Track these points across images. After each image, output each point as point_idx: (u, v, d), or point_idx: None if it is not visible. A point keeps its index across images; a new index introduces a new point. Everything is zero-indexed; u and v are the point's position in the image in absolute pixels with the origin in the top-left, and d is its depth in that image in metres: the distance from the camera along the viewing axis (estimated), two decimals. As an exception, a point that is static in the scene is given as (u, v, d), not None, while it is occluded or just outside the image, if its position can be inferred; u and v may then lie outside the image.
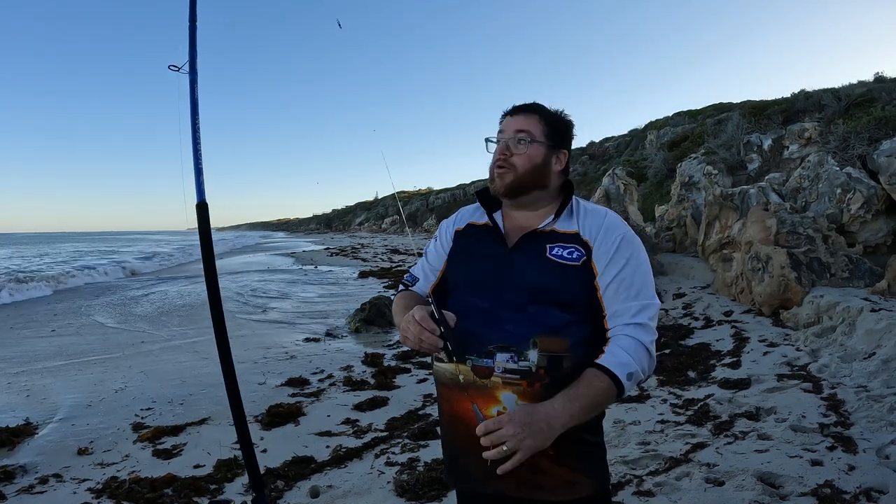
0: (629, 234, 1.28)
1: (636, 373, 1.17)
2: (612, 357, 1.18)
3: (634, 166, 15.41)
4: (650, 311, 1.23)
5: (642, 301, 1.22)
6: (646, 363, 1.20)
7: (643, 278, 1.25)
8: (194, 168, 1.37)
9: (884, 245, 6.59)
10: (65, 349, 6.51)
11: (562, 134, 1.35)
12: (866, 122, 7.82)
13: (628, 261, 1.24)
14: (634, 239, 1.28)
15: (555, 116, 1.35)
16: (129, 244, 54.71)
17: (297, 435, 3.63)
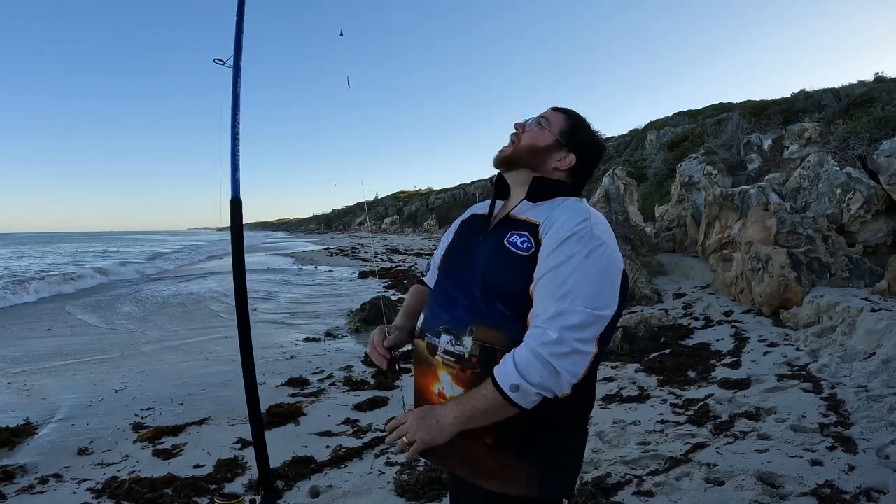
0: (588, 232, 1.16)
1: (523, 386, 1.09)
2: (502, 365, 1.12)
3: (634, 166, 15.41)
4: (570, 320, 1.10)
5: (566, 305, 1.11)
6: (540, 376, 1.09)
7: (582, 281, 1.12)
8: (231, 164, 1.37)
9: (884, 245, 6.59)
10: (64, 348, 6.51)
11: (580, 142, 1.32)
12: (866, 122, 7.82)
13: (570, 258, 1.14)
14: (593, 239, 1.15)
15: (580, 126, 1.34)
16: (129, 244, 54.78)
17: (297, 435, 3.63)
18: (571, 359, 1.10)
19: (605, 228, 1.21)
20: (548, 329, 1.10)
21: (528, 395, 1.10)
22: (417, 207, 57.13)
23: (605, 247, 1.17)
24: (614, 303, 1.17)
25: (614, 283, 1.17)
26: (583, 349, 1.11)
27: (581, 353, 1.10)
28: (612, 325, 1.18)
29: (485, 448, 1.20)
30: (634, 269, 7.73)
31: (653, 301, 7.27)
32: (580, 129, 1.33)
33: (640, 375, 4.48)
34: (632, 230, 9.00)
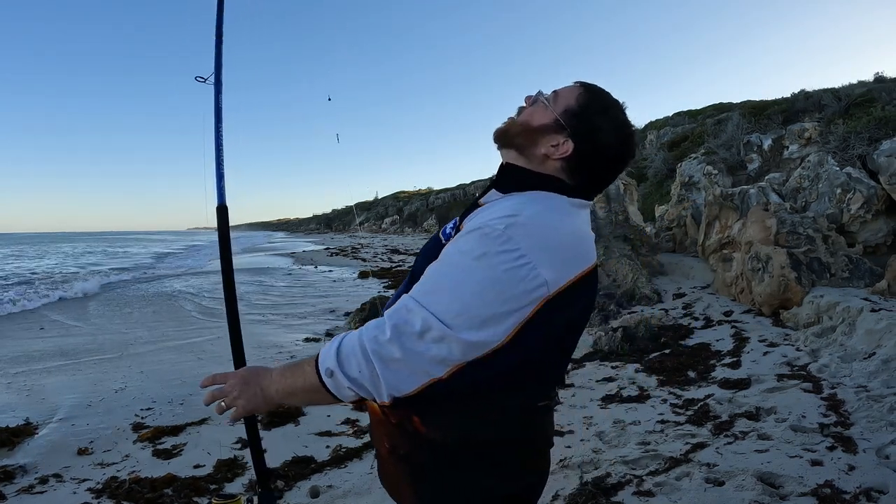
0: (500, 231, 0.92)
1: (338, 375, 0.92)
2: (328, 345, 0.97)
3: (634, 166, 15.40)
4: (411, 323, 0.89)
5: (419, 303, 0.91)
6: (357, 371, 0.91)
7: (453, 284, 0.91)
8: (216, 173, 1.43)
9: (884, 245, 6.59)
10: (64, 348, 6.51)
11: (586, 127, 1.04)
12: (866, 122, 7.82)
13: (459, 253, 0.93)
14: (499, 241, 0.91)
15: (595, 107, 1.05)
16: (131, 244, 54.82)
17: (297, 435, 3.63)
18: (395, 369, 0.90)
19: (536, 237, 0.93)
20: (387, 323, 0.91)
21: (341, 387, 0.94)
22: (417, 207, 57.13)
23: (514, 256, 0.90)
24: (495, 331, 0.90)
25: (502, 304, 0.89)
26: (416, 364, 0.89)
27: (413, 368, 0.89)
28: (495, 361, 0.92)
29: (392, 466, 1.10)
30: (634, 269, 7.73)
31: (653, 301, 7.27)
32: (593, 111, 1.04)
33: (640, 375, 4.48)
34: (632, 230, 9.00)
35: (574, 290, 0.96)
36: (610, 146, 1.06)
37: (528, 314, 0.92)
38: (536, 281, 0.91)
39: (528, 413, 1.04)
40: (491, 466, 1.01)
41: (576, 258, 0.98)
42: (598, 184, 1.10)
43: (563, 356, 1.08)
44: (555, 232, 0.96)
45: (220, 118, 1.46)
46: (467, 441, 1.00)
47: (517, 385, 1.00)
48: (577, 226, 1.02)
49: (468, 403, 0.98)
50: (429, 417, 1.00)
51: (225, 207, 1.42)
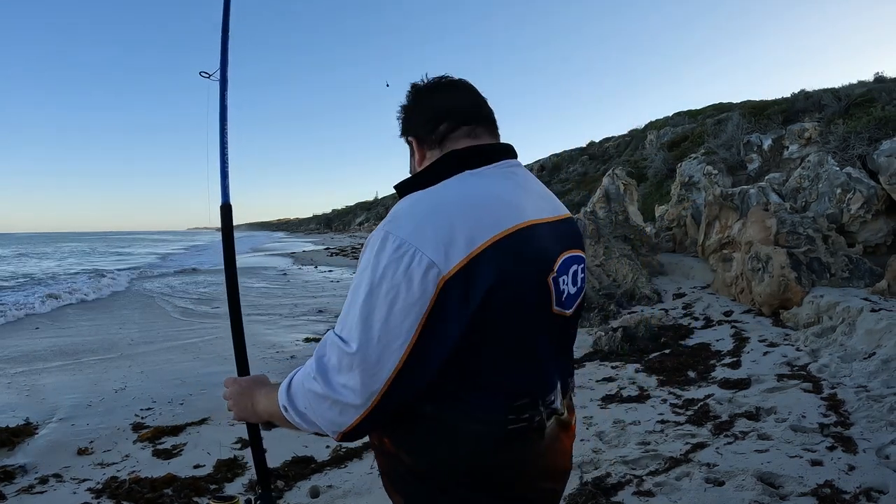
0: (380, 230, 0.89)
1: (290, 409, 0.93)
2: (285, 380, 0.96)
3: (634, 166, 15.41)
4: (329, 356, 0.88)
5: (332, 332, 0.91)
6: (304, 406, 0.90)
7: (349, 301, 0.89)
8: (220, 172, 1.40)
9: (884, 245, 6.59)
10: (66, 347, 6.51)
11: (403, 130, 1.10)
12: (866, 122, 7.82)
13: (358, 272, 0.91)
14: (373, 242, 0.88)
15: (400, 112, 1.11)
16: (131, 244, 54.89)
17: (297, 435, 3.62)
18: (326, 406, 0.87)
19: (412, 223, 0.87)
20: (315, 357, 0.90)
21: (296, 422, 0.94)
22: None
23: (393, 248, 0.85)
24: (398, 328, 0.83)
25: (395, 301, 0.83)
26: (341, 398, 0.85)
27: (339, 403, 0.86)
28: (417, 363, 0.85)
29: (385, 477, 1.08)
30: (634, 269, 7.73)
31: (653, 301, 7.27)
32: (404, 108, 1.10)
33: (640, 375, 4.48)
34: (632, 230, 9.00)
35: (472, 267, 0.85)
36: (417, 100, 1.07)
37: (430, 303, 0.83)
38: (423, 263, 0.83)
39: (493, 437, 0.93)
40: (464, 493, 0.95)
41: (474, 228, 0.87)
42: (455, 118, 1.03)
43: (509, 350, 0.92)
44: (435, 214, 0.88)
45: (225, 116, 1.44)
46: (435, 467, 0.95)
47: (451, 397, 0.91)
48: (471, 195, 0.92)
49: (426, 427, 0.93)
50: (397, 440, 0.97)
51: (229, 206, 1.41)
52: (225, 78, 1.46)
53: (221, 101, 1.45)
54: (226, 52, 1.48)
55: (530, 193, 1.00)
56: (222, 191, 1.41)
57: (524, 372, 0.95)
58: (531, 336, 0.95)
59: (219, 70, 1.47)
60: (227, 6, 1.51)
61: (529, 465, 0.98)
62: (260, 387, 1.10)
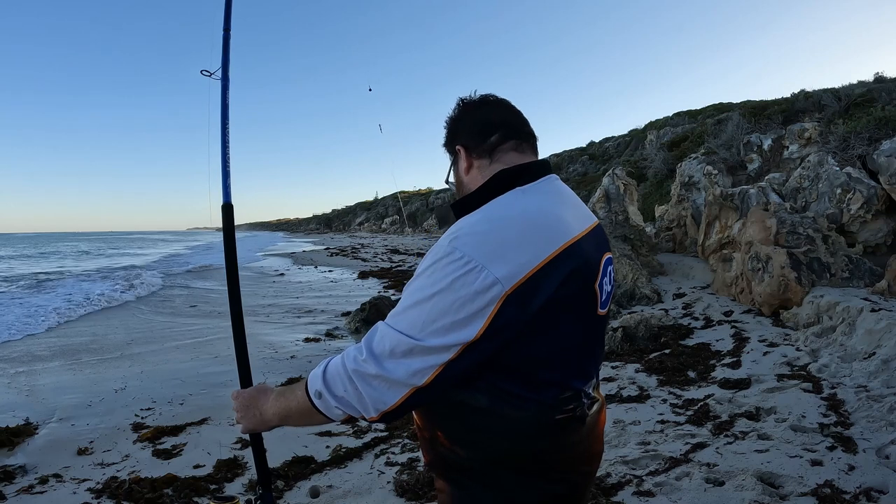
0: (444, 244, 0.98)
1: (325, 396, 1.00)
2: (316, 367, 1.05)
3: (634, 166, 15.42)
4: (383, 342, 0.96)
5: (384, 324, 1.00)
6: (343, 390, 0.98)
7: (408, 300, 0.98)
8: (222, 171, 1.41)
9: (884, 245, 6.59)
10: (69, 347, 6.51)
11: (450, 138, 1.19)
12: (866, 122, 7.81)
13: (411, 281, 1.01)
14: (439, 254, 0.97)
15: (447, 124, 1.21)
16: (133, 244, 54.93)
17: (297, 435, 3.62)
18: (376, 385, 0.96)
19: (479, 242, 0.96)
20: (363, 345, 0.99)
21: (330, 407, 1.01)
22: (417, 207, 57.14)
23: (461, 264, 0.94)
24: (460, 334, 0.93)
25: (460, 310, 0.93)
26: (392, 378, 0.95)
27: (391, 382, 0.95)
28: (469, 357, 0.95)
29: (430, 467, 1.16)
30: (634, 269, 7.73)
31: (653, 301, 7.27)
32: (448, 129, 1.20)
33: (640, 375, 4.48)
34: (632, 230, 9.00)
35: (536, 279, 0.95)
36: (470, 114, 1.16)
37: (492, 312, 0.93)
38: (488, 280, 0.92)
39: (545, 426, 1.03)
40: (513, 480, 1.05)
41: (529, 246, 0.96)
42: (505, 132, 1.13)
43: (562, 350, 1.02)
44: (497, 233, 0.97)
45: (226, 115, 1.44)
46: (487, 456, 1.04)
47: (505, 392, 1.00)
48: (522, 215, 1.01)
49: (480, 420, 1.02)
50: (451, 433, 1.06)
51: (230, 206, 1.41)
52: (226, 77, 1.47)
53: (223, 99, 1.45)
54: (227, 51, 1.48)
55: (569, 206, 1.09)
56: (223, 190, 1.41)
57: (571, 369, 1.05)
58: (579, 338, 1.05)
59: (220, 69, 1.47)
60: (229, 5, 1.52)
61: (572, 450, 1.08)
62: (264, 394, 1.16)
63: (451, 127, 1.19)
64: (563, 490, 1.09)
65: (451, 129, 1.19)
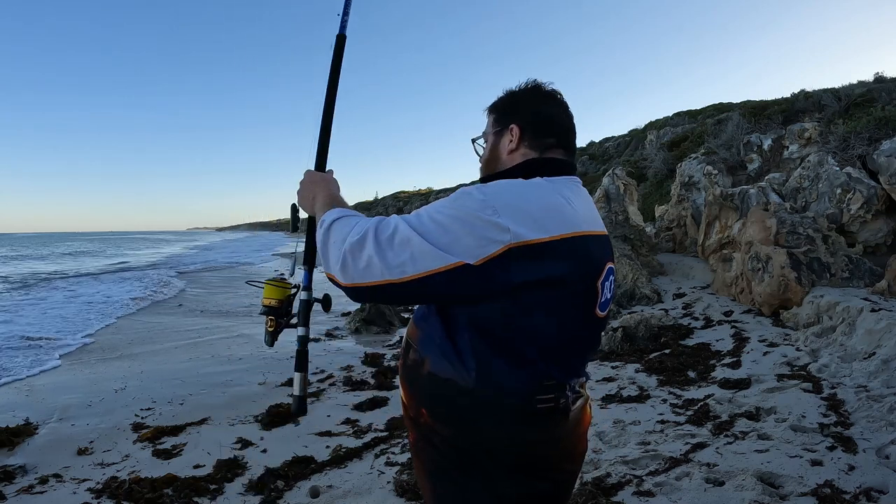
0: (466, 189, 1.05)
1: (321, 228, 1.12)
2: (347, 211, 1.17)
3: (634, 166, 15.40)
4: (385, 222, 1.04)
5: (396, 217, 1.07)
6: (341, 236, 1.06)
7: (425, 211, 1.04)
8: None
9: (884, 245, 6.59)
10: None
11: (506, 111, 1.23)
12: (866, 122, 7.81)
13: (439, 201, 1.08)
14: (464, 192, 1.04)
15: (501, 99, 1.26)
16: (134, 245, 54.94)
17: (297, 435, 3.62)
18: (361, 252, 1.01)
19: (503, 196, 1.02)
20: (372, 224, 1.05)
21: (318, 240, 1.12)
22: (417, 207, 57.15)
23: (483, 204, 1.00)
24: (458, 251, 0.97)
25: (468, 233, 0.98)
26: (381, 259, 0.99)
27: (373, 256, 0.99)
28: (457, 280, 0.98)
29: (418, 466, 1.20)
30: (634, 269, 7.73)
31: (653, 301, 7.27)
32: (501, 104, 1.25)
33: (640, 375, 4.48)
34: (632, 230, 9.00)
35: (544, 249, 1.00)
36: (530, 101, 1.21)
37: (494, 251, 0.97)
38: (500, 226, 0.97)
39: (528, 414, 1.05)
40: (494, 468, 1.06)
41: (545, 220, 1.02)
42: (559, 138, 1.20)
43: (555, 336, 1.05)
44: (520, 195, 1.04)
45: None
46: (467, 439, 1.07)
47: (487, 373, 1.03)
48: (547, 196, 1.07)
49: (464, 400, 1.05)
50: (435, 411, 1.09)
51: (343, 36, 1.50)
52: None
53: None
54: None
55: (585, 207, 1.15)
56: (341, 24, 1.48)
57: (560, 358, 1.07)
58: (573, 328, 1.08)
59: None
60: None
61: (557, 445, 1.10)
62: (328, 187, 1.27)
63: (512, 101, 1.23)
64: (547, 489, 1.10)
65: (510, 103, 1.23)
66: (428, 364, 1.10)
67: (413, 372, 1.14)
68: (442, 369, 1.07)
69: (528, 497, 1.09)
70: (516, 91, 1.23)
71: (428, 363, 1.10)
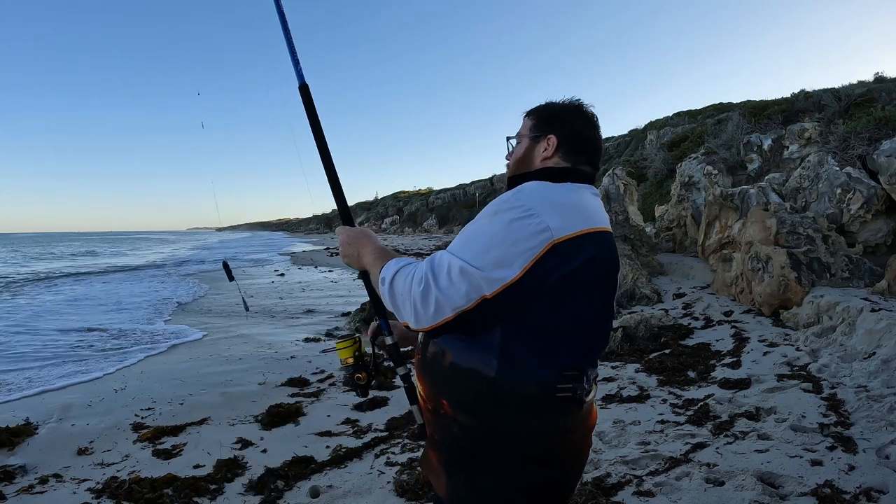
0: (507, 197, 1.13)
1: (385, 286, 1.15)
2: (399, 261, 1.18)
3: (634, 166, 15.40)
4: (437, 260, 1.10)
5: (444, 251, 1.13)
6: (403, 287, 1.11)
7: (466, 234, 1.13)
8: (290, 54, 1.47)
9: (884, 245, 6.59)
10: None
11: (547, 120, 1.30)
12: (866, 122, 7.81)
13: (471, 222, 1.16)
14: (507, 203, 1.11)
15: (542, 107, 1.33)
16: (135, 244, 54.94)
17: (297, 435, 3.63)
18: (429, 298, 1.07)
19: (539, 197, 1.12)
20: (427, 265, 1.11)
21: (384, 294, 1.16)
22: (417, 207, 57.10)
23: (521, 210, 1.08)
24: (509, 270, 1.06)
25: (513, 245, 1.06)
26: (446, 295, 1.06)
27: (443, 299, 1.06)
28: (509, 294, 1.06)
29: (431, 449, 1.24)
30: (634, 269, 7.73)
31: (653, 301, 7.27)
32: (542, 111, 1.32)
33: (640, 375, 4.48)
34: (632, 230, 9.00)
35: (580, 241, 1.09)
36: (568, 118, 1.29)
37: (538, 254, 1.06)
38: (541, 226, 1.07)
39: (547, 402, 1.11)
40: (511, 456, 1.12)
41: (579, 216, 1.12)
42: (590, 157, 1.30)
43: (574, 318, 1.12)
44: (554, 194, 1.14)
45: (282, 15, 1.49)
46: (489, 427, 1.12)
47: (513, 360, 1.09)
48: (576, 197, 1.17)
49: (486, 388, 1.10)
50: (456, 400, 1.15)
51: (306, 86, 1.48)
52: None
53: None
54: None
55: (602, 210, 1.26)
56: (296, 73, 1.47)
57: (581, 348, 1.14)
58: (596, 319, 1.17)
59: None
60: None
61: (569, 434, 1.15)
62: (368, 241, 1.32)
63: (555, 114, 1.30)
64: (558, 478, 1.15)
65: (553, 115, 1.30)
66: (449, 355, 1.15)
67: (434, 364, 1.19)
68: (464, 360, 1.12)
69: (539, 486, 1.13)
70: (559, 105, 1.31)
71: (449, 355, 1.15)
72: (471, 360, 1.12)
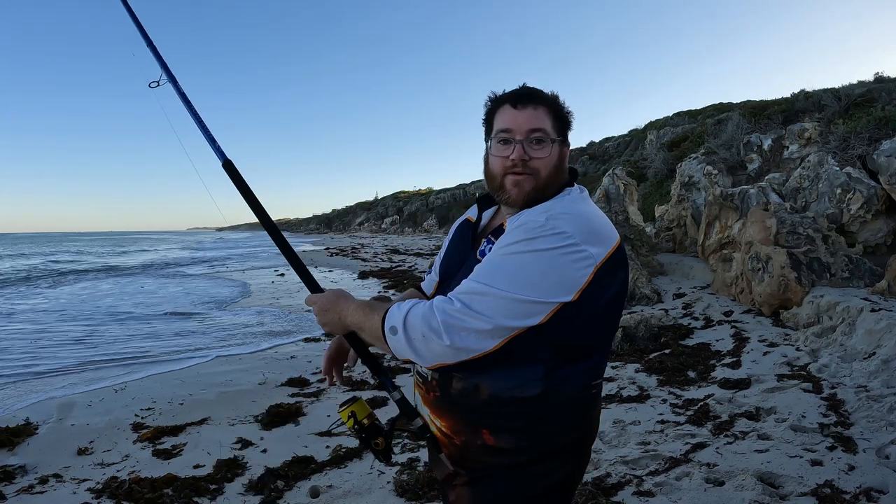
0: (542, 222, 1.05)
1: (400, 333, 1.04)
2: (401, 304, 1.07)
3: (634, 166, 15.40)
4: (467, 289, 1.02)
5: (473, 280, 1.04)
6: (421, 332, 1.01)
7: (499, 264, 1.04)
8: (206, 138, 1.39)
9: (884, 245, 6.59)
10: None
11: (566, 126, 1.22)
12: (866, 122, 7.81)
13: (503, 247, 1.06)
14: (535, 227, 1.05)
15: (558, 105, 1.20)
16: (136, 244, 54.98)
17: (297, 435, 3.62)
18: (463, 336, 1.00)
19: (575, 222, 1.06)
20: (455, 298, 1.02)
21: (399, 346, 1.04)
22: (417, 207, 57.09)
23: (562, 239, 1.03)
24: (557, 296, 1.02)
25: (561, 282, 1.03)
26: (476, 326, 0.99)
27: (476, 331, 1.00)
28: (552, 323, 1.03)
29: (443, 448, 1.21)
30: (634, 269, 7.73)
31: (653, 301, 7.27)
32: (560, 110, 1.21)
33: (640, 375, 4.48)
34: (632, 230, 8.99)
35: (612, 262, 1.09)
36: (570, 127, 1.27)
37: (586, 282, 1.04)
38: (584, 253, 1.04)
39: (583, 402, 1.14)
40: (551, 459, 1.13)
41: (608, 235, 1.12)
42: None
43: (609, 330, 1.17)
44: (586, 218, 1.11)
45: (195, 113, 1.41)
46: (535, 444, 1.12)
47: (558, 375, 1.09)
48: (596, 210, 1.17)
49: (535, 406, 1.09)
50: (499, 428, 1.11)
51: (230, 162, 1.37)
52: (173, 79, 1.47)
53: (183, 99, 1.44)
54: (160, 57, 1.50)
55: None
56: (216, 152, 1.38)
57: (608, 348, 1.20)
58: (617, 322, 1.21)
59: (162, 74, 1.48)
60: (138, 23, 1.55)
61: (589, 427, 1.19)
62: (346, 301, 1.19)
63: (569, 121, 1.23)
64: (572, 470, 1.18)
65: (564, 114, 1.22)
66: (485, 388, 1.09)
67: (465, 399, 1.12)
68: (503, 389, 1.09)
69: (563, 480, 1.16)
70: (569, 110, 1.23)
71: (485, 388, 1.09)
72: (512, 390, 1.08)
